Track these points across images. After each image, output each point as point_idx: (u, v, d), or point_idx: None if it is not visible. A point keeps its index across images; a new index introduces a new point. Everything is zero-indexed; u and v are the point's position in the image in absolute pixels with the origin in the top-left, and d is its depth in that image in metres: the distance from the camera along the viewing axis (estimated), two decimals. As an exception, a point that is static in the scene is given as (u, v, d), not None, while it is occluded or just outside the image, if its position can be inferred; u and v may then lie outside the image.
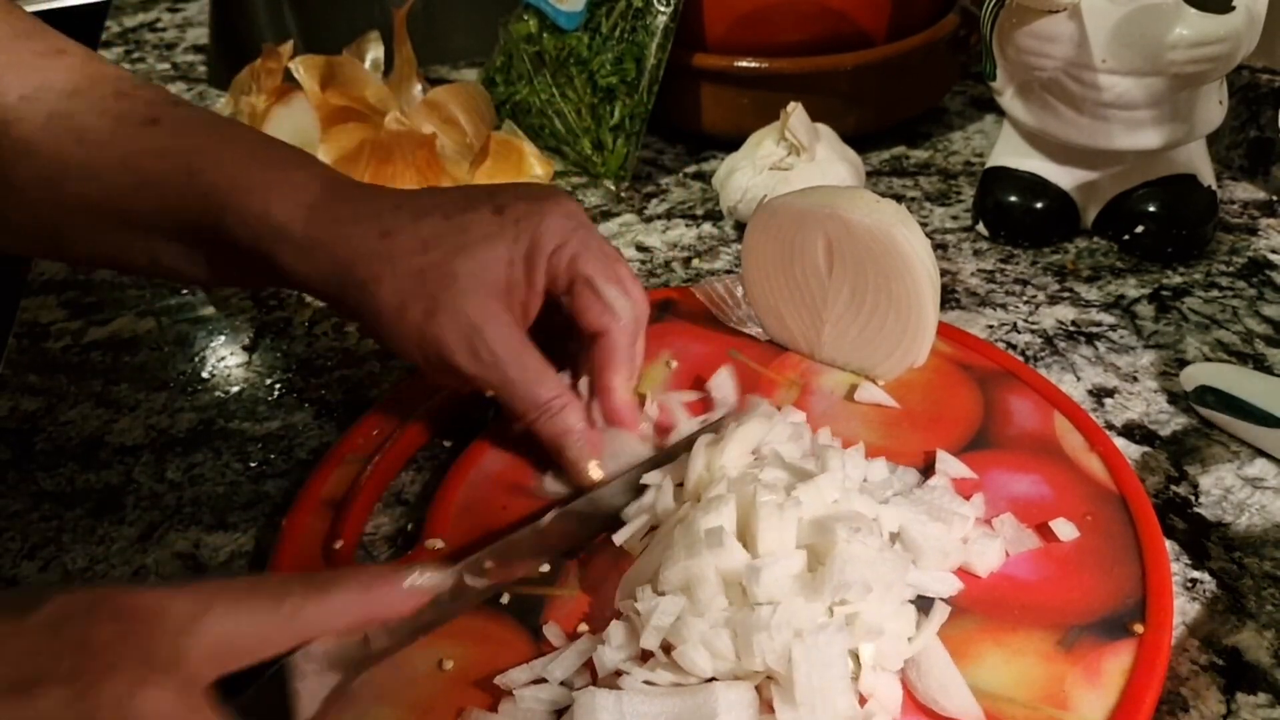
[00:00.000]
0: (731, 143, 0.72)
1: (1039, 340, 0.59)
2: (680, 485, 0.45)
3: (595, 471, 0.46)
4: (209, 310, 0.65)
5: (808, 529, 0.41)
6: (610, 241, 0.48)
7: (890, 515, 0.43)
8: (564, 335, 0.48)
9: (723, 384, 0.53)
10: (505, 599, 0.42)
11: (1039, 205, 0.67)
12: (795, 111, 0.66)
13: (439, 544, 0.45)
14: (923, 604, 0.41)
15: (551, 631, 0.41)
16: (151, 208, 0.44)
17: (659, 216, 0.73)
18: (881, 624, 0.38)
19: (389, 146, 0.66)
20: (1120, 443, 0.51)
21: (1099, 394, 0.55)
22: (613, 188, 0.75)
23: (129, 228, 0.45)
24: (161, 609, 0.29)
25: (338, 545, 0.45)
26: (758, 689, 0.38)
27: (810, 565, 0.40)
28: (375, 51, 0.79)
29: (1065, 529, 0.44)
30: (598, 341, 0.47)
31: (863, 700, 0.37)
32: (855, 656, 0.38)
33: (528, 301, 0.46)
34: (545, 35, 0.78)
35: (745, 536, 0.41)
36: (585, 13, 0.75)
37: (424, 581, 0.36)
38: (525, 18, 0.80)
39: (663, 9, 0.72)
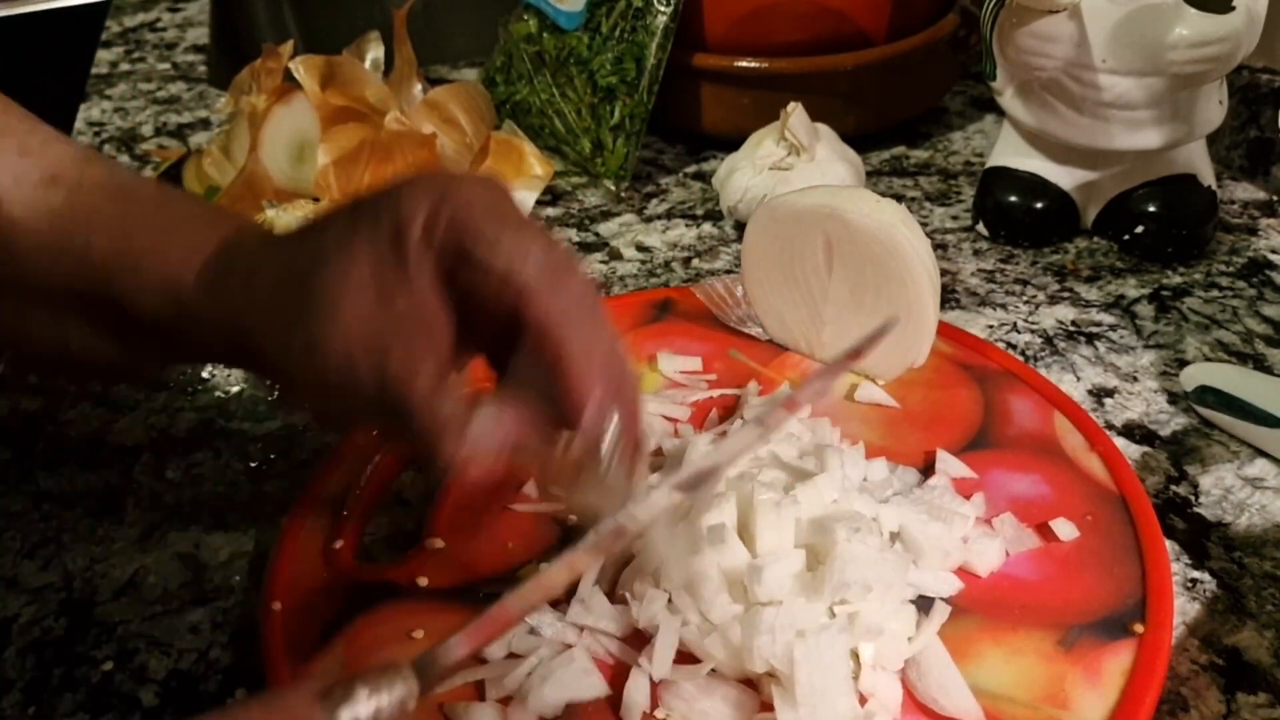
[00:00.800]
0: (731, 143, 0.72)
1: (1039, 340, 0.59)
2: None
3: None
4: (209, 310, 0.65)
5: (807, 528, 0.41)
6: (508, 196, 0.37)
7: (890, 515, 0.43)
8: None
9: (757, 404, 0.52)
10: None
11: (1039, 205, 0.67)
12: (795, 111, 0.67)
13: (439, 544, 0.45)
14: (922, 604, 0.41)
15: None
16: (46, 276, 0.40)
17: (659, 216, 0.73)
18: (881, 624, 0.38)
19: (389, 146, 0.66)
20: (1120, 443, 0.51)
21: (1099, 394, 0.55)
22: (613, 188, 0.75)
23: (31, 301, 0.41)
24: None
25: (338, 545, 0.45)
26: (756, 688, 0.38)
27: (810, 565, 0.40)
28: (375, 51, 0.79)
29: (1065, 529, 0.44)
30: (524, 312, 0.35)
31: (863, 700, 0.37)
32: (856, 656, 0.38)
33: (421, 302, 0.35)
34: (545, 35, 0.78)
35: (744, 535, 0.41)
36: (585, 13, 0.76)
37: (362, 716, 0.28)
38: (525, 18, 0.80)
39: (663, 9, 0.72)
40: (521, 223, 0.36)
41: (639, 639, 0.40)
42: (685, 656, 0.39)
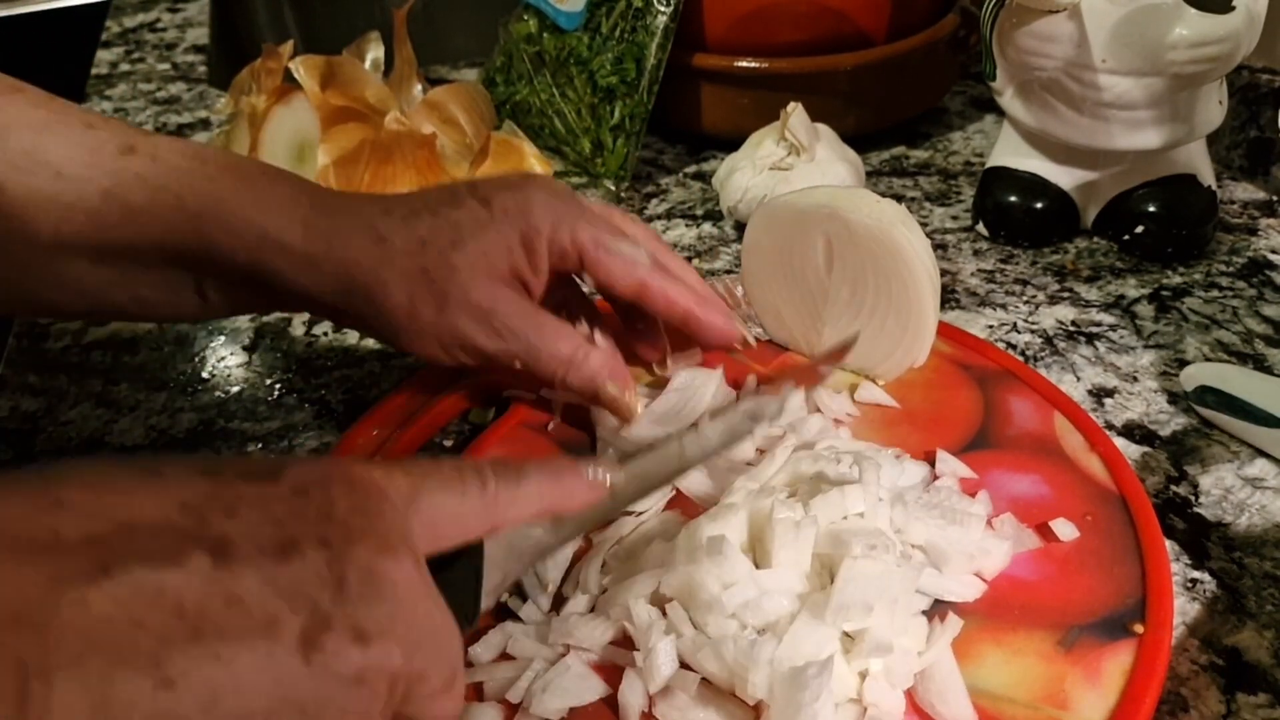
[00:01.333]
0: (731, 143, 0.72)
1: (1039, 340, 0.59)
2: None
3: (638, 404, 0.48)
4: (209, 310, 0.65)
5: (823, 540, 0.40)
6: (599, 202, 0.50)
7: (918, 527, 0.42)
8: (576, 318, 0.51)
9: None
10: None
11: (1039, 205, 0.67)
12: (795, 111, 0.66)
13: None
14: (935, 608, 0.41)
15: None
16: (136, 238, 0.44)
17: (659, 216, 0.73)
18: (890, 640, 0.37)
19: (389, 146, 0.66)
20: (1120, 443, 0.51)
21: (1099, 394, 0.55)
22: (613, 188, 0.75)
23: (109, 264, 0.44)
24: (385, 485, 0.30)
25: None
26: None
27: (819, 577, 0.40)
28: (375, 51, 0.79)
29: (1065, 529, 0.44)
30: (645, 298, 0.48)
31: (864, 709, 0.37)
32: (861, 674, 0.38)
33: (532, 284, 0.47)
34: (545, 35, 0.78)
35: (758, 550, 0.41)
36: (585, 13, 0.76)
37: (604, 475, 0.37)
38: (525, 18, 0.80)
39: (663, 9, 0.72)
40: (619, 228, 0.49)
41: (630, 640, 0.39)
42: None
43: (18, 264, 0.44)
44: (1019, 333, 0.60)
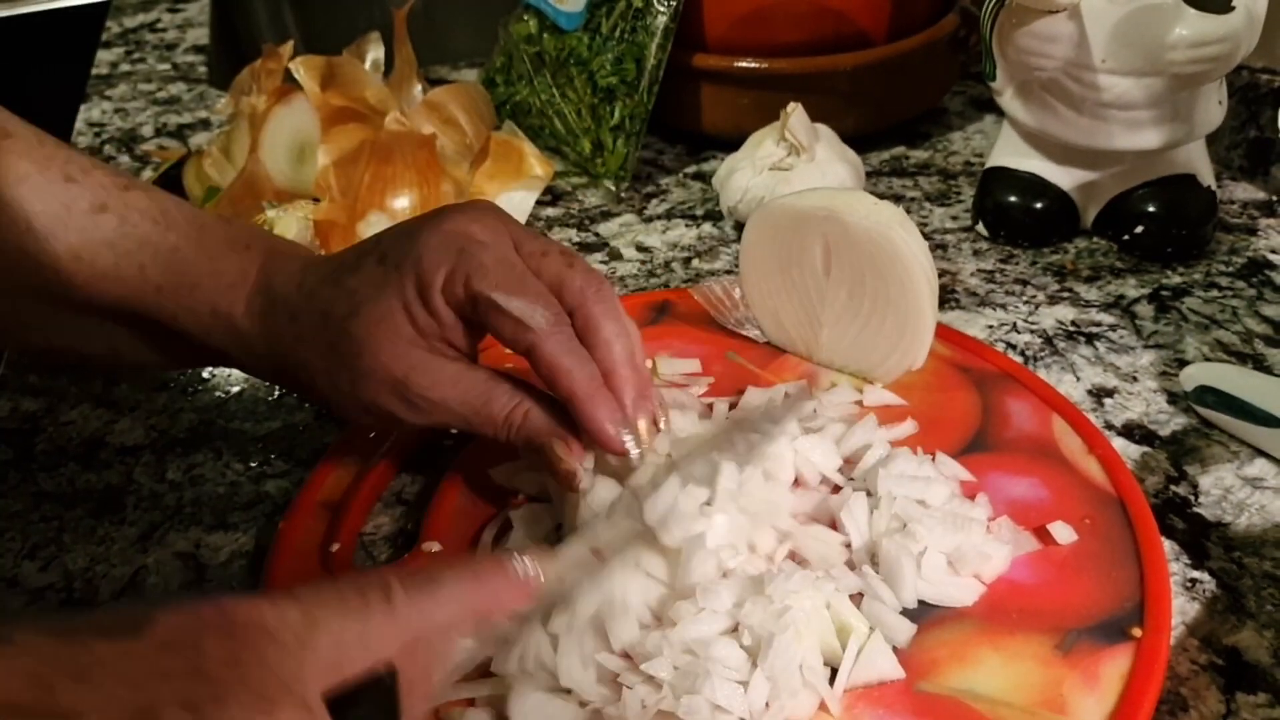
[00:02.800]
0: (731, 143, 0.72)
1: (1039, 340, 0.59)
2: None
3: (585, 477, 0.43)
4: (209, 311, 0.65)
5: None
6: (525, 234, 0.44)
7: (940, 537, 0.42)
8: None
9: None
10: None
11: (1039, 205, 0.66)
12: (795, 112, 0.66)
13: (435, 547, 0.45)
14: (922, 611, 0.41)
15: None
16: (103, 298, 0.44)
17: (659, 216, 0.73)
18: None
19: (389, 147, 0.66)
20: (1120, 443, 0.51)
21: (1099, 394, 0.55)
22: (613, 188, 0.75)
23: (85, 316, 0.45)
24: (272, 624, 0.27)
25: (334, 548, 0.45)
26: None
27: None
28: (375, 52, 0.79)
29: (1063, 532, 0.44)
30: (532, 363, 0.42)
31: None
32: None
33: (448, 337, 0.43)
34: (545, 36, 0.78)
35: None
36: (585, 13, 0.75)
37: (534, 570, 0.34)
38: (525, 18, 0.80)
39: (662, 9, 0.72)
40: (524, 276, 0.42)
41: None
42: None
43: (4, 309, 0.45)
44: (1019, 333, 0.60)
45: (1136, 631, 0.40)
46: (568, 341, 0.42)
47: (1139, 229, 0.65)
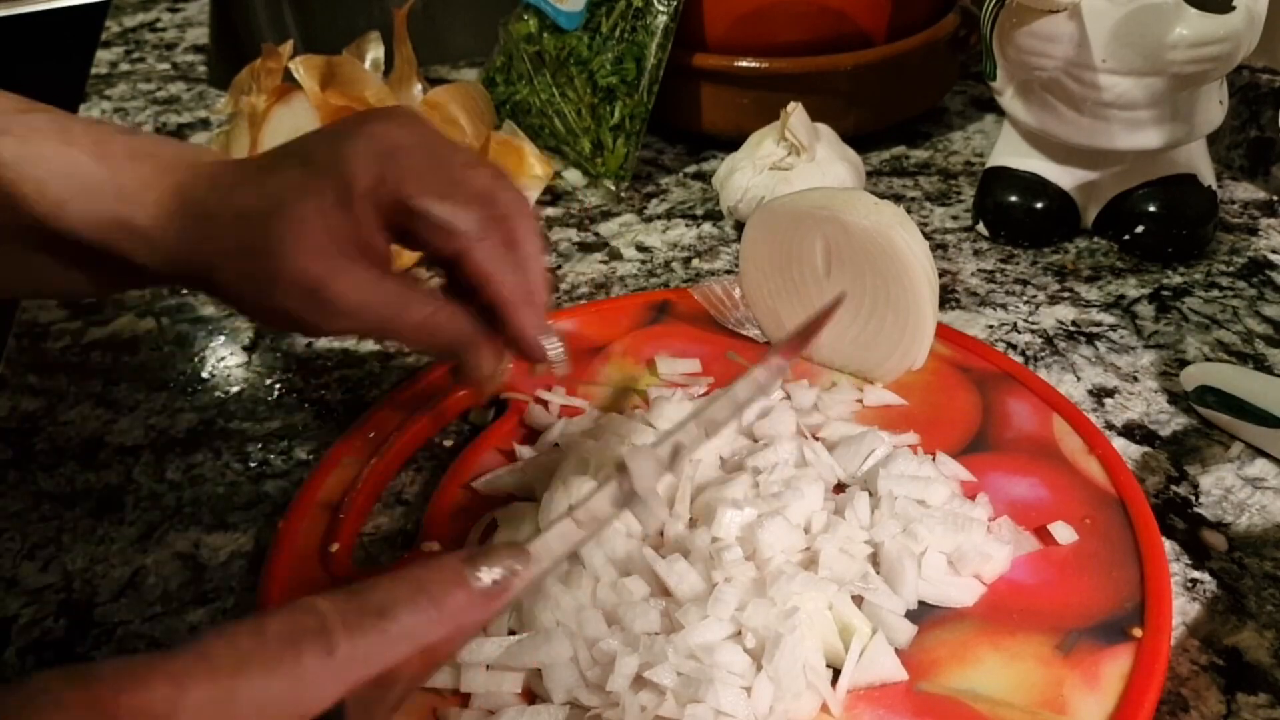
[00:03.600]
0: (731, 143, 0.72)
1: (1039, 340, 0.59)
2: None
3: (499, 374, 0.43)
4: (209, 310, 0.65)
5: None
6: (449, 143, 0.43)
7: (940, 537, 0.43)
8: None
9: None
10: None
11: (1039, 205, 0.66)
12: (795, 111, 0.66)
13: (435, 547, 0.45)
14: (922, 611, 0.41)
15: None
16: (9, 223, 0.43)
17: (659, 216, 0.73)
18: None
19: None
20: (1120, 443, 0.51)
21: (1099, 394, 0.55)
22: (612, 187, 0.75)
23: (15, 249, 0.44)
24: (162, 713, 0.23)
25: (334, 548, 0.45)
26: None
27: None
28: (375, 51, 0.79)
29: (1064, 532, 0.44)
30: (463, 270, 0.42)
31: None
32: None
33: (370, 246, 0.41)
34: (545, 35, 0.78)
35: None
36: (585, 13, 0.75)
37: (500, 574, 0.30)
38: (525, 17, 0.80)
39: (662, 9, 0.72)
40: (454, 182, 0.41)
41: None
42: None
43: None
44: (1019, 333, 0.60)
45: (1137, 632, 0.40)
46: (497, 248, 0.41)
47: (1140, 229, 0.65)
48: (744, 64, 0.76)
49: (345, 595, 0.27)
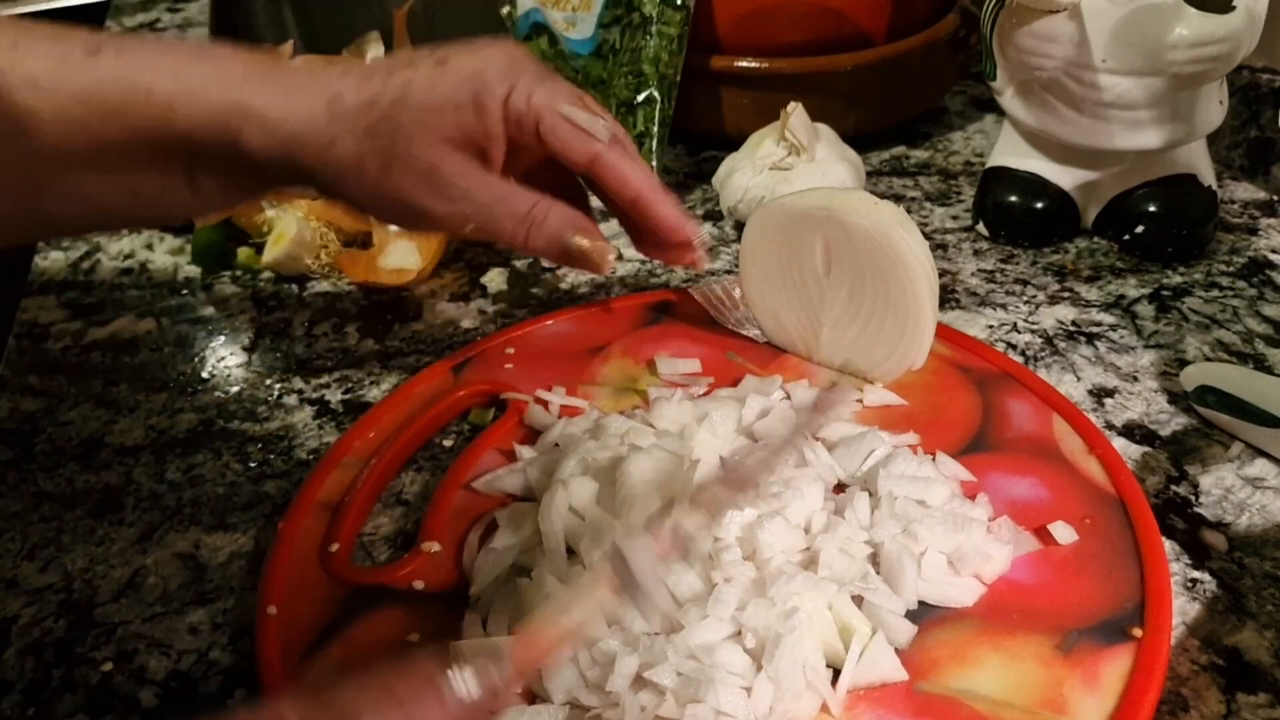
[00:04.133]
0: (731, 143, 0.72)
1: (1039, 340, 0.59)
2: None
3: (611, 256, 0.46)
4: (209, 310, 0.65)
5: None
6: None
7: (940, 537, 0.43)
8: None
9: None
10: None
11: (1039, 205, 0.66)
12: (795, 111, 0.66)
13: (435, 547, 0.45)
14: (922, 611, 0.41)
15: None
16: (117, 136, 0.44)
17: (659, 216, 0.73)
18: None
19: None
20: (1120, 443, 0.51)
21: (1099, 394, 0.55)
22: None
23: (102, 166, 0.45)
24: None
25: (334, 548, 0.45)
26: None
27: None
28: (375, 51, 0.78)
29: (1064, 532, 0.44)
30: (597, 171, 0.46)
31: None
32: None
33: (488, 148, 0.45)
34: (557, 60, 0.77)
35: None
36: (595, 39, 0.75)
37: (475, 684, 0.28)
38: (534, 38, 0.79)
39: (674, 15, 0.72)
40: (583, 100, 0.46)
41: None
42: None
43: (22, 182, 0.45)
44: (1019, 333, 0.60)
45: (1137, 631, 0.40)
46: (627, 151, 0.46)
47: (1139, 229, 0.65)
48: (744, 64, 0.75)
49: (312, 700, 0.27)
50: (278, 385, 0.58)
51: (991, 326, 0.60)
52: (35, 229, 0.56)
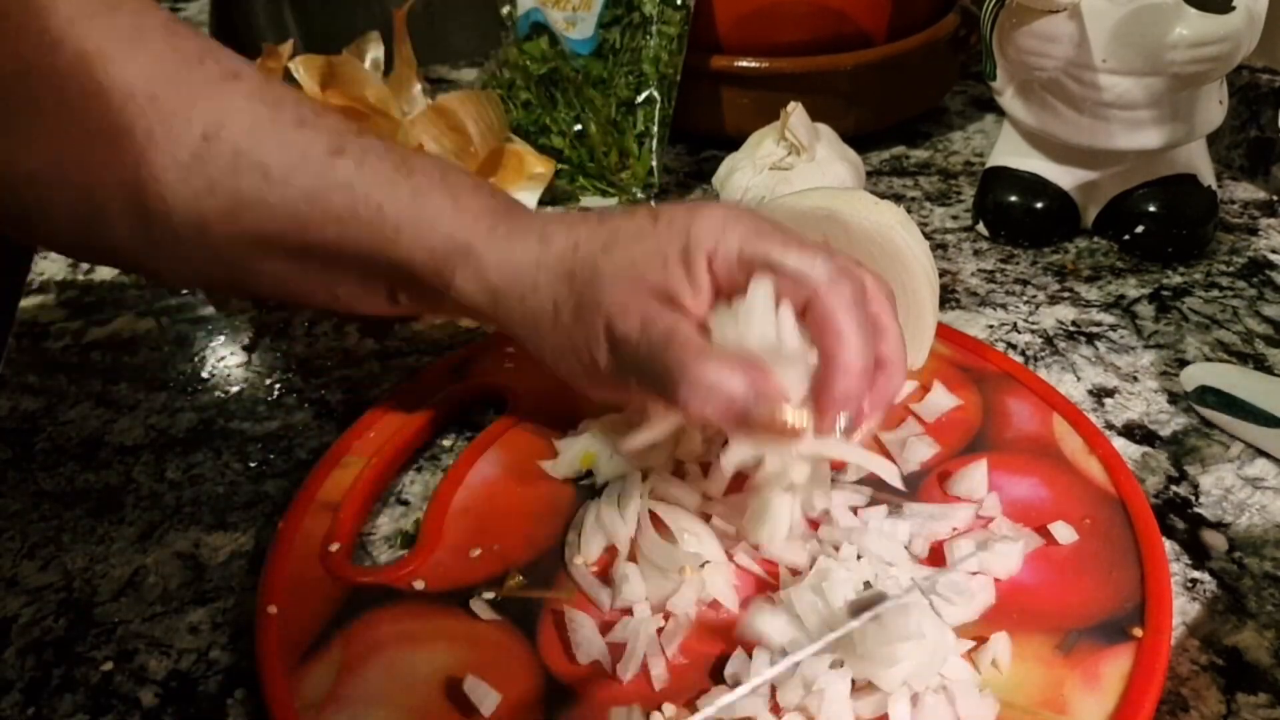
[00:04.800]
0: (731, 143, 0.72)
1: (1039, 340, 0.59)
2: None
3: (796, 417, 0.39)
4: (209, 310, 0.65)
5: None
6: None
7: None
8: None
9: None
10: (491, 595, 0.43)
11: (1039, 205, 0.66)
12: (795, 111, 0.66)
13: (435, 547, 0.45)
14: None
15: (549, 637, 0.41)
16: (335, 241, 0.44)
17: (659, 216, 0.73)
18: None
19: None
20: (1120, 443, 0.51)
21: (1099, 394, 0.55)
22: (641, 196, 0.74)
23: (308, 260, 0.44)
24: None
25: (334, 548, 0.45)
26: None
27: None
28: (375, 51, 0.79)
29: (1064, 532, 0.44)
30: (811, 313, 0.40)
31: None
32: None
33: (688, 304, 0.41)
34: (558, 58, 0.77)
35: None
36: (596, 39, 0.75)
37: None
38: (534, 37, 0.79)
39: (675, 15, 0.72)
40: (798, 239, 0.41)
41: None
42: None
43: (222, 260, 0.45)
44: (1019, 333, 0.60)
45: (1137, 631, 0.40)
46: (851, 298, 0.40)
47: (1139, 229, 0.65)
48: (744, 64, 0.76)
49: None
50: (278, 385, 0.58)
51: (991, 326, 0.60)
52: (229, 292, 0.59)
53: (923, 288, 0.50)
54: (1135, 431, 0.52)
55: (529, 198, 0.72)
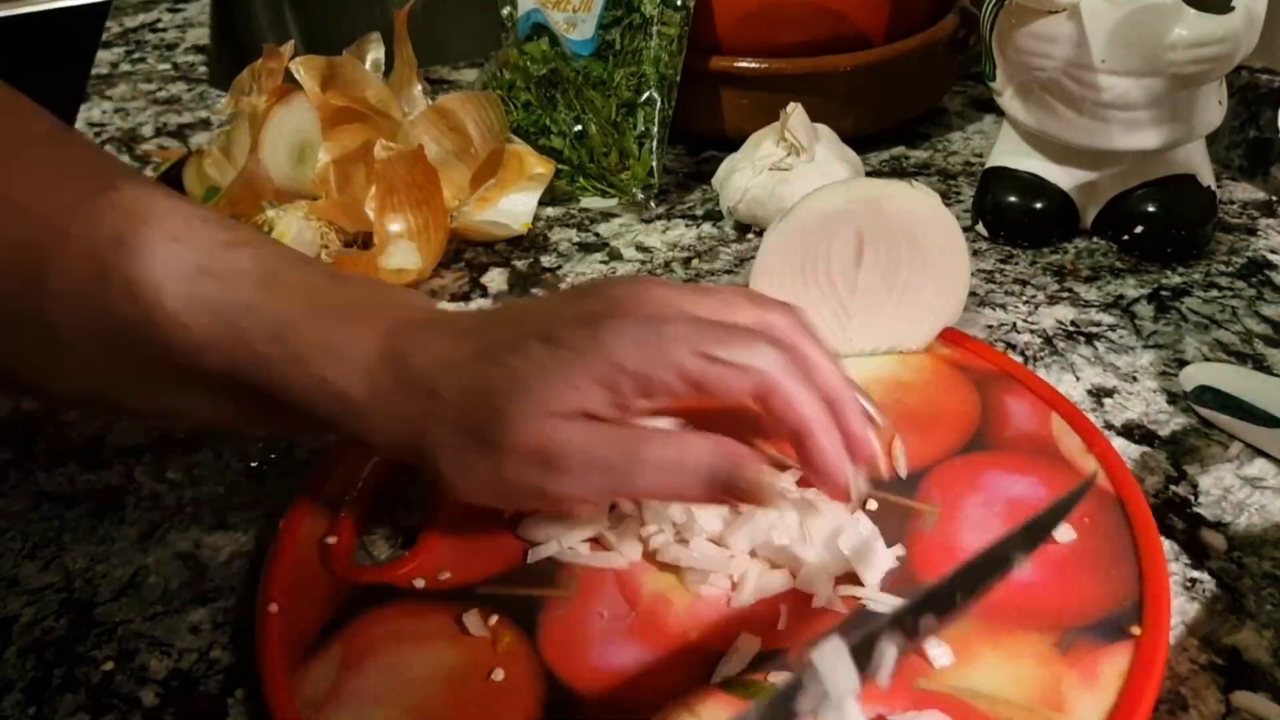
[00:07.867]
0: (731, 143, 0.72)
1: (1038, 340, 0.59)
2: None
3: (780, 488, 0.38)
4: (209, 311, 0.65)
5: None
6: (690, 290, 0.41)
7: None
8: None
9: None
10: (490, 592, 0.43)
11: (1038, 205, 0.67)
12: (795, 112, 0.67)
13: (435, 547, 0.45)
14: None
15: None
16: (207, 366, 0.41)
17: (659, 217, 0.73)
18: None
19: (388, 176, 0.65)
20: (1119, 443, 0.51)
21: (1098, 394, 0.55)
22: (641, 196, 0.74)
23: (187, 384, 0.42)
24: None
25: (334, 544, 0.45)
26: None
27: None
28: (376, 52, 0.79)
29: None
30: (768, 404, 0.39)
31: None
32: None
33: (622, 415, 0.39)
34: (559, 60, 0.77)
35: None
36: (595, 39, 0.75)
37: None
38: (535, 38, 0.79)
39: (675, 16, 0.72)
40: (731, 331, 0.39)
41: None
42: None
43: (106, 377, 0.42)
44: (1018, 333, 0.60)
45: (1136, 630, 0.40)
46: (797, 370, 0.39)
47: (1139, 229, 0.65)
48: (743, 64, 0.76)
49: None
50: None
51: (991, 326, 0.60)
52: (119, 414, 0.54)
53: (960, 240, 0.53)
54: (1134, 431, 0.52)
55: (529, 198, 0.72)
